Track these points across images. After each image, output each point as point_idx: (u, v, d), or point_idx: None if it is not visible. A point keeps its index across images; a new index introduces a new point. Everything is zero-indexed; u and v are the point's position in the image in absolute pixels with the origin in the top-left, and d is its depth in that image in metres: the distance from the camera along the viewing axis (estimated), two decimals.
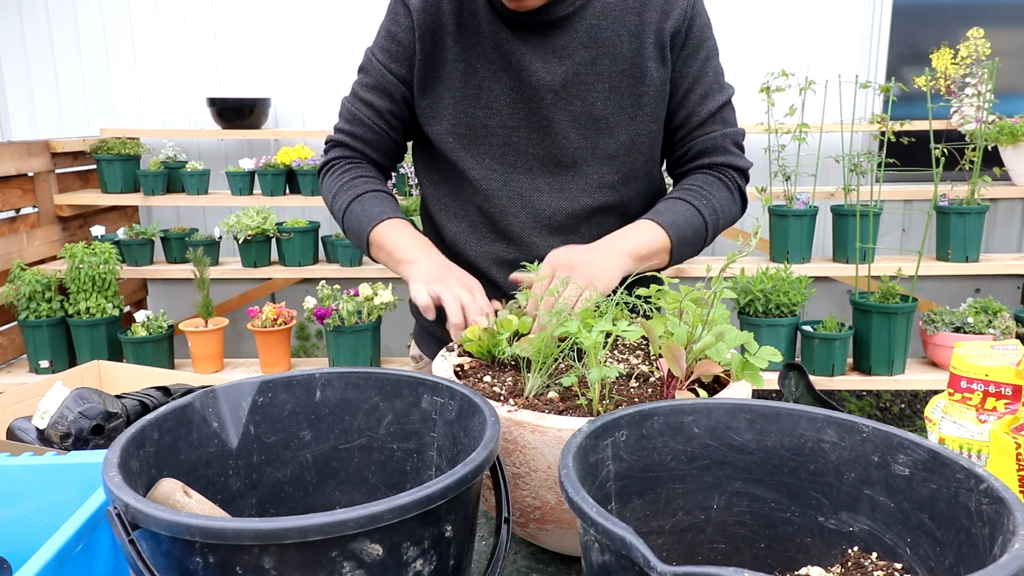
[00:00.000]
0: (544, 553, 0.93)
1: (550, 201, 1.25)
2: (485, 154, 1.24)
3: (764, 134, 3.24)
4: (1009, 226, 3.88)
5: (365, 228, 1.21)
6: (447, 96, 1.23)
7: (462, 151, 1.24)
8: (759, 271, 3.03)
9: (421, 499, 0.57)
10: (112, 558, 0.74)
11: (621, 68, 1.21)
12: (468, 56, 1.21)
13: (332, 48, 3.74)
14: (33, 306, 3.12)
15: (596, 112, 1.21)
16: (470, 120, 1.22)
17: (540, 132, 1.22)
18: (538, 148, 1.23)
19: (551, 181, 1.24)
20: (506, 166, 1.24)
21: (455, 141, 1.24)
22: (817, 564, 0.68)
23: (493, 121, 1.22)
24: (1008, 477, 0.82)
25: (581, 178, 1.24)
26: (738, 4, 3.65)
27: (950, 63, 3.38)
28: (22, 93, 3.86)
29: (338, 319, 3.09)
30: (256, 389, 0.80)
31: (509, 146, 1.23)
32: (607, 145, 1.23)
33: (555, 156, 1.23)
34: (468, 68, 1.21)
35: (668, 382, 0.85)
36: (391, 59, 1.24)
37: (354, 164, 1.31)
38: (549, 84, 1.20)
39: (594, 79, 1.21)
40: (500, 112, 1.22)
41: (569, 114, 1.21)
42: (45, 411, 1.18)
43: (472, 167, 1.24)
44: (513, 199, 1.25)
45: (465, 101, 1.22)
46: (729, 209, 1.27)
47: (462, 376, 0.95)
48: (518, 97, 1.21)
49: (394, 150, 1.34)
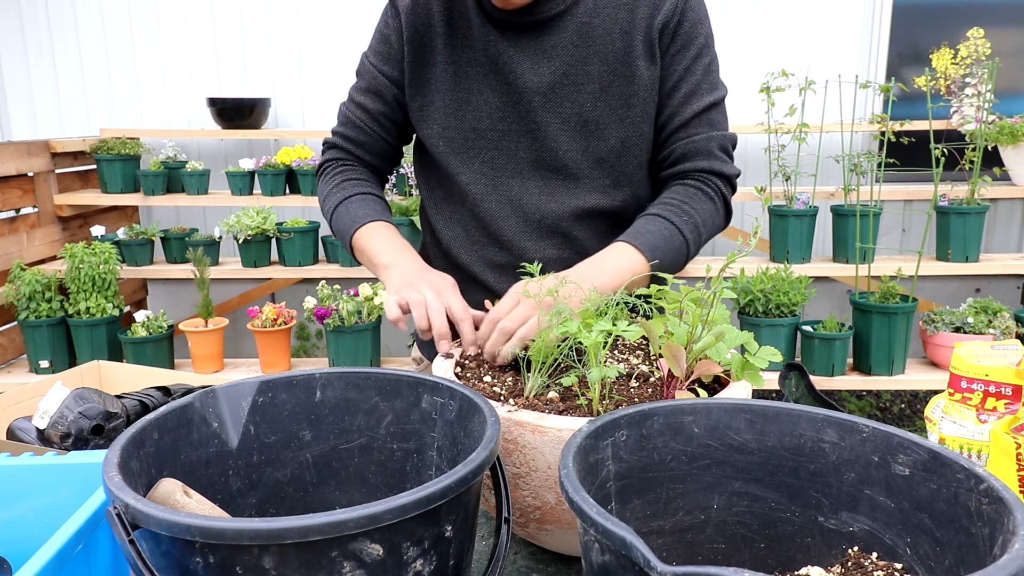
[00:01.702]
0: (544, 553, 0.93)
1: (540, 205, 1.23)
2: (475, 159, 1.23)
3: (764, 134, 3.24)
4: (1009, 226, 3.88)
5: (348, 231, 1.23)
6: (437, 99, 1.22)
7: (451, 156, 1.23)
8: (759, 271, 3.03)
9: (421, 499, 0.57)
10: (112, 558, 0.74)
11: (612, 68, 1.17)
12: (458, 59, 1.20)
13: (332, 48, 3.74)
14: (33, 306, 3.12)
15: (586, 114, 1.18)
16: (459, 124, 1.22)
17: (529, 136, 1.20)
18: (527, 152, 1.21)
19: (541, 185, 1.23)
20: (496, 170, 1.23)
21: (445, 145, 1.23)
22: (817, 564, 0.68)
23: (482, 125, 1.21)
24: (1008, 477, 0.82)
25: (571, 181, 1.22)
26: (738, 4, 3.65)
27: (950, 63, 3.38)
28: (22, 93, 3.86)
29: (338, 319, 3.09)
30: (256, 389, 0.80)
31: (499, 150, 1.22)
32: (597, 148, 1.20)
33: (545, 160, 1.21)
34: (458, 71, 1.20)
35: (668, 382, 0.85)
36: (383, 61, 1.25)
37: (346, 166, 1.32)
38: (536, 86, 1.18)
39: (584, 80, 1.17)
40: (489, 116, 1.21)
41: (558, 116, 1.19)
42: (45, 411, 1.18)
43: (461, 172, 1.24)
44: (503, 203, 1.24)
45: (454, 105, 1.21)
46: (712, 222, 1.21)
47: (462, 376, 0.95)
48: (507, 101, 1.20)
49: (389, 152, 1.34)
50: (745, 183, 3.70)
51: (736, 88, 3.59)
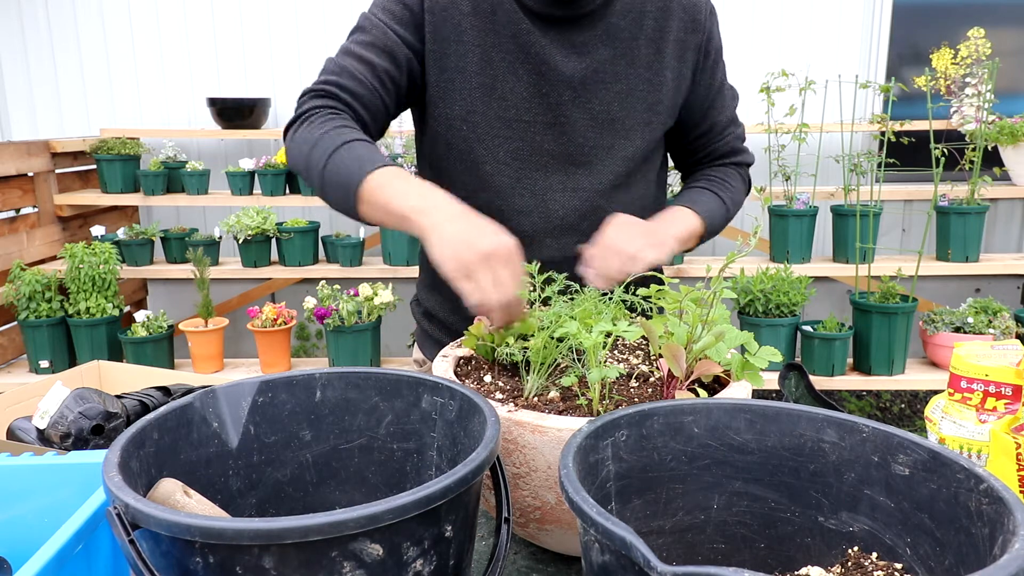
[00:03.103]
0: (544, 553, 0.93)
1: (563, 200, 1.21)
2: (499, 147, 1.18)
3: (764, 134, 3.24)
4: (1009, 226, 3.88)
5: (356, 175, 1.01)
6: (459, 79, 1.16)
7: (475, 142, 1.18)
8: (759, 271, 3.03)
9: (421, 499, 0.57)
10: (112, 558, 0.74)
11: (638, 72, 1.19)
12: (484, 42, 1.16)
13: (332, 48, 3.71)
14: (33, 306, 3.12)
15: (613, 113, 1.19)
16: (485, 109, 1.17)
17: (556, 128, 1.19)
18: (553, 145, 1.19)
19: (564, 179, 1.21)
20: (520, 161, 1.19)
21: (469, 130, 1.18)
22: (817, 564, 0.68)
23: (509, 113, 1.17)
24: (1008, 477, 0.82)
25: (595, 177, 1.21)
26: (738, 4, 3.65)
27: (950, 63, 3.38)
28: (22, 93, 3.86)
29: (338, 319, 3.09)
30: (256, 389, 0.80)
31: (524, 140, 1.19)
32: (623, 147, 1.21)
33: (570, 154, 1.20)
34: (484, 55, 1.16)
35: (668, 382, 0.85)
36: (396, 21, 1.15)
37: (336, 114, 1.11)
38: (568, 79, 1.17)
39: (611, 79, 1.19)
40: (516, 105, 1.17)
41: (587, 112, 1.18)
42: (45, 411, 1.18)
43: (485, 160, 1.19)
44: (525, 196, 1.20)
45: (480, 89, 1.16)
46: (741, 199, 1.36)
47: (462, 376, 0.95)
48: (535, 91, 1.17)
49: (381, 117, 1.18)
50: None
51: (736, 88, 3.59)
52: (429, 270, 1.34)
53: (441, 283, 1.30)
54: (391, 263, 3.33)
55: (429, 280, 1.35)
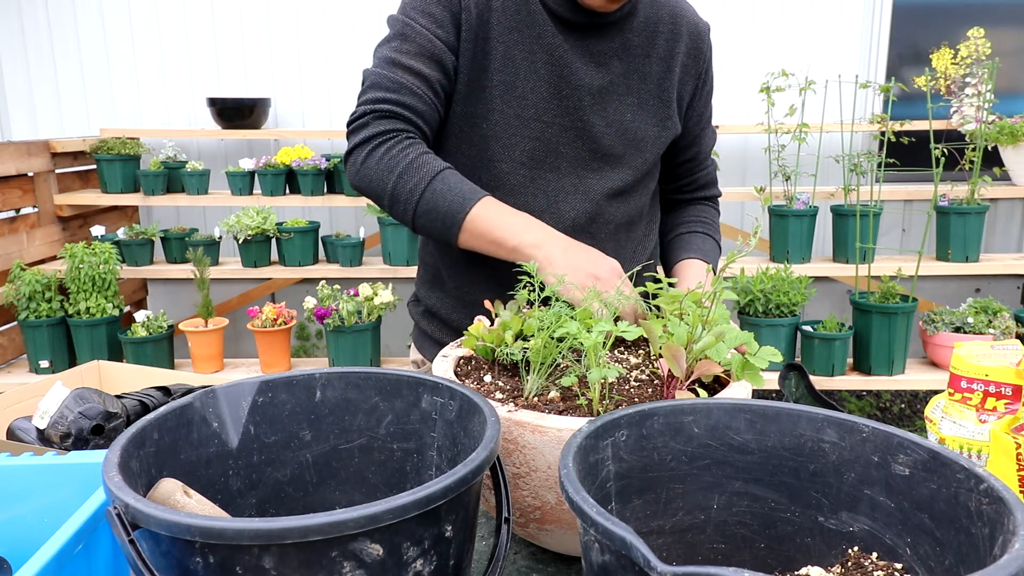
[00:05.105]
0: (544, 553, 0.93)
1: (574, 203, 1.22)
2: (516, 146, 1.17)
3: (764, 134, 3.24)
4: (1009, 226, 3.88)
5: (460, 208, 1.05)
6: (482, 76, 1.16)
7: (492, 139, 1.16)
8: (759, 271, 3.03)
9: (421, 499, 0.57)
10: (112, 558, 0.74)
11: (649, 88, 1.23)
12: (507, 39, 1.15)
13: (332, 48, 3.74)
14: (33, 306, 3.12)
15: (627, 123, 1.22)
16: (504, 108, 1.16)
17: (573, 132, 1.19)
18: (569, 148, 1.20)
19: (576, 182, 1.22)
20: (535, 161, 1.19)
21: (487, 128, 1.16)
22: (817, 564, 0.68)
23: (527, 113, 1.16)
24: (1008, 477, 0.82)
25: (605, 182, 1.23)
26: (738, 4, 3.65)
27: (950, 63, 3.38)
28: (22, 93, 3.86)
29: (338, 319, 3.09)
30: (256, 389, 0.80)
31: (540, 141, 1.18)
32: (633, 156, 1.24)
33: (584, 158, 1.21)
34: (506, 52, 1.14)
35: (668, 382, 0.85)
36: (437, 24, 1.11)
37: (412, 139, 1.11)
38: (589, 86, 1.18)
39: (625, 91, 1.21)
40: (535, 105, 1.16)
41: (603, 119, 1.20)
42: (45, 411, 1.18)
43: (502, 159, 1.18)
44: (538, 197, 1.20)
45: (501, 87, 1.15)
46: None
47: (462, 376, 0.95)
48: (554, 93, 1.17)
49: (438, 126, 1.18)
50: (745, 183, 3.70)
51: (736, 88, 3.60)
52: (430, 267, 1.34)
53: (443, 280, 1.31)
54: (391, 263, 3.33)
55: (430, 277, 1.34)
